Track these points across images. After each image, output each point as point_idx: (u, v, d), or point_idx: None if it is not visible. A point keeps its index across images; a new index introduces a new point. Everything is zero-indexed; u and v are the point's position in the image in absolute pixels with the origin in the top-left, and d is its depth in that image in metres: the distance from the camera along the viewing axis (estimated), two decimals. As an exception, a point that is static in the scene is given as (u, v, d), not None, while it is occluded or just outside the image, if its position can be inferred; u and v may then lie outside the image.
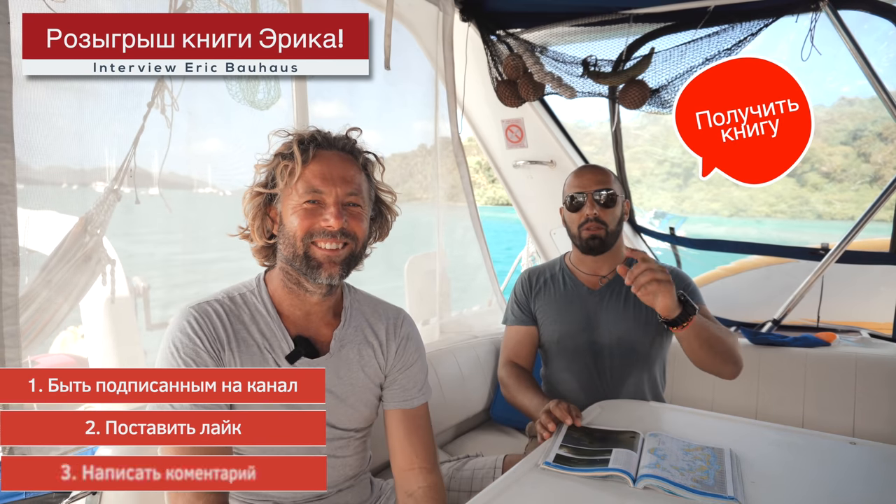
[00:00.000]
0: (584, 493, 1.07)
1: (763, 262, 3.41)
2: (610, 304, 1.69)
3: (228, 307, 1.14)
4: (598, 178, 1.67)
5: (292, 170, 1.10)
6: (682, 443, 1.23)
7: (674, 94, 2.19)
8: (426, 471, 1.22)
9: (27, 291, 1.31)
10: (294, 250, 1.11)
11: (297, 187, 1.11)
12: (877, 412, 2.06)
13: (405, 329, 1.30)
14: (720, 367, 1.50)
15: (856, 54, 2.05)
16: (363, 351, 1.23)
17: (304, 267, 1.12)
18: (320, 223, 1.10)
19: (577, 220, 1.68)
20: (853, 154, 29.86)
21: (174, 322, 1.11)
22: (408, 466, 1.23)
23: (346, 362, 1.21)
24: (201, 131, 1.18)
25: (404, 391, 1.26)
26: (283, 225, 1.13)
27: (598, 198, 1.65)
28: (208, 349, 1.09)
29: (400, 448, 1.24)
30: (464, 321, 2.69)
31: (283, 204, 1.13)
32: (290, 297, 1.18)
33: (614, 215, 1.67)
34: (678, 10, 2.17)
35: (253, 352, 1.13)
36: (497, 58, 2.44)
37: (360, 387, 1.22)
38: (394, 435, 1.25)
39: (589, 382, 1.71)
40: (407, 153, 2.75)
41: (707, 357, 1.47)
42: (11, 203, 1.18)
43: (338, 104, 2.32)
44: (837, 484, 1.13)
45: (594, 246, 1.67)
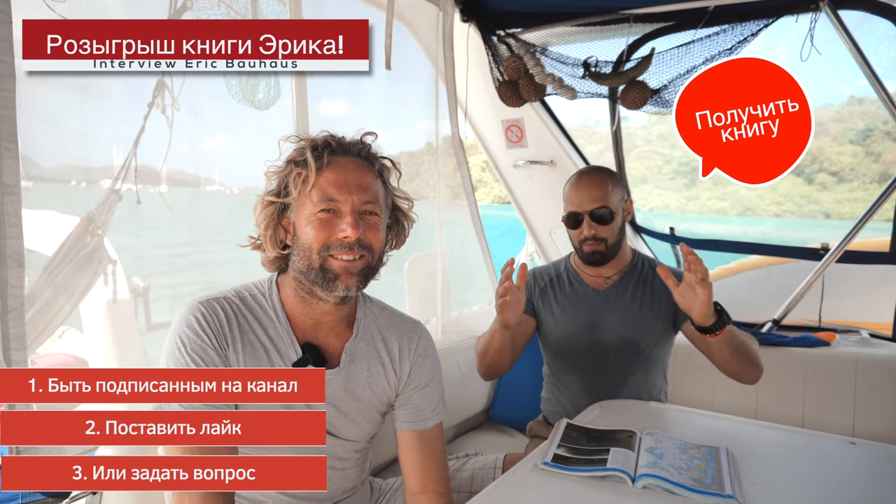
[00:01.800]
0: (583, 493, 1.07)
1: (763, 262, 3.40)
2: (615, 306, 1.69)
3: (237, 306, 1.11)
4: (594, 194, 1.65)
5: (306, 177, 1.06)
6: (678, 441, 1.23)
7: (674, 94, 2.19)
8: (440, 495, 1.18)
9: (29, 292, 1.31)
10: (309, 263, 1.07)
11: (311, 196, 1.06)
12: (877, 412, 2.06)
13: (422, 345, 1.24)
14: (747, 372, 1.52)
15: (856, 54, 2.05)
16: (372, 367, 1.19)
17: (319, 279, 1.07)
18: (337, 234, 1.06)
19: (576, 236, 1.69)
20: (862, 153, 29.67)
21: (181, 316, 1.08)
22: (420, 490, 1.18)
23: (354, 377, 1.17)
24: (206, 130, 1.18)
25: (419, 411, 1.21)
26: (297, 235, 1.09)
27: (595, 217, 1.64)
28: (215, 346, 1.06)
29: (413, 471, 1.19)
30: (464, 321, 2.69)
31: (296, 213, 1.09)
32: (302, 304, 1.13)
33: (613, 229, 1.66)
34: (678, 10, 2.17)
35: (259, 355, 1.10)
36: (498, 58, 2.44)
37: (365, 403, 1.19)
38: (407, 457, 1.20)
39: (592, 382, 1.71)
40: (414, 151, 2.74)
41: (737, 363, 1.49)
42: (16, 203, 1.17)
43: (341, 103, 2.32)
44: (837, 484, 1.13)
45: (596, 261, 1.68)
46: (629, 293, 1.69)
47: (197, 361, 1.04)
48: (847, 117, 30.89)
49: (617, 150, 2.70)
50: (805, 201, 30.56)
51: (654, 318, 1.66)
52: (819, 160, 28.64)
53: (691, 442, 1.23)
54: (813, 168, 28.98)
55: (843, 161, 30.15)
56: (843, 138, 30.81)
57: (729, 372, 1.54)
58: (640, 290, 1.69)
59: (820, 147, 30.01)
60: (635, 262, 1.75)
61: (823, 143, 30.45)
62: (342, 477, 1.21)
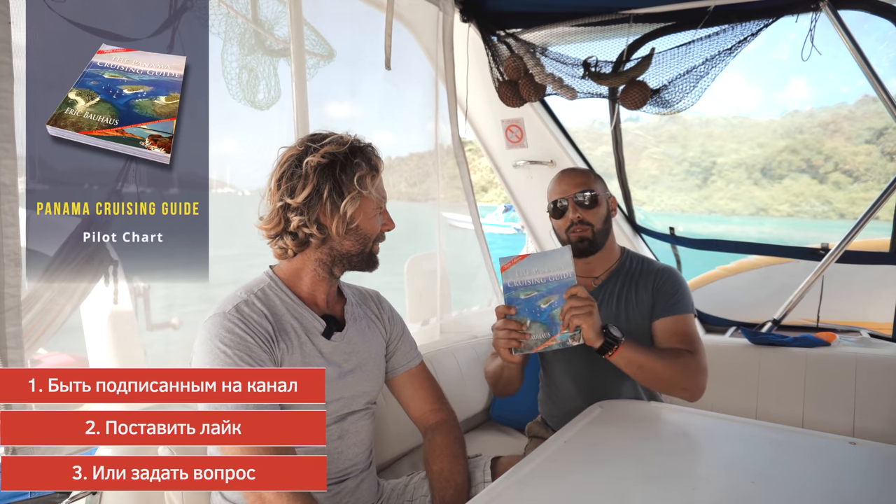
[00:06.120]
0: (583, 494, 1.07)
1: (763, 262, 3.41)
2: (602, 306, 1.67)
3: (262, 302, 1.21)
4: (578, 180, 1.66)
5: (374, 176, 1.22)
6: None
7: (674, 94, 2.19)
8: (436, 411, 1.43)
9: (30, 293, 1.31)
10: (363, 247, 1.25)
11: (373, 192, 1.22)
12: (877, 412, 2.06)
13: (385, 303, 1.49)
14: (666, 391, 1.52)
15: (856, 54, 2.06)
16: (368, 323, 1.39)
17: (365, 261, 1.27)
18: (389, 226, 1.30)
19: (563, 226, 1.68)
20: (877, 152, 29.48)
21: (210, 331, 1.13)
22: (420, 413, 1.44)
23: (361, 332, 1.35)
24: (215, 132, 1.20)
25: (405, 355, 1.45)
26: (355, 224, 1.22)
27: (579, 200, 1.64)
28: (260, 345, 1.14)
29: (412, 401, 1.44)
30: (464, 321, 2.69)
31: (358, 206, 1.21)
32: (314, 283, 1.28)
33: (599, 215, 1.66)
34: (678, 10, 2.17)
35: (292, 338, 1.21)
36: (498, 58, 2.44)
37: (375, 352, 1.37)
38: (405, 393, 1.44)
39: (586, 385, 1.70)
40: (423, 153, 2.73)
41: (646, 383, 1.49)
42: (13, 203, 1.17)
43: (341, 103, 2.33)
44: (837, 484, 1.13)
45: (583, 248, 1.66)
46: (616, 293, 1.68)
47: (247, 360, 1.11)
48: (861, 117, 30.66)
49: (617, 150, 2.70)
50: (818, 201, 30.39)
51: (640, 319, 1.64)
52: (833, 159, 28.44)
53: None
54: (827, 167, 28.79)
55: (858, 160, 29.99)
56: (858, 138, 30.61)
57: (655, 389, 1.55)
58: (626, 290, 1.67)
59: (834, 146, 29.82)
60: (623, 259, 1.74)
61: (837, 142, 30.32)
62: (359, 442, 1.32)
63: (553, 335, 1.34)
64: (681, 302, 1.62)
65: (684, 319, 1.59)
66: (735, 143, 39.15)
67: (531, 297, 1.34)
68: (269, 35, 2.03)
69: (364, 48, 2.34)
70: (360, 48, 2.37)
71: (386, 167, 1.28)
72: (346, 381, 1.29)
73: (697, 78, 2.13)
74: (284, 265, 1.29)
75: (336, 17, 2.28)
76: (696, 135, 38.51)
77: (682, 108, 2.20)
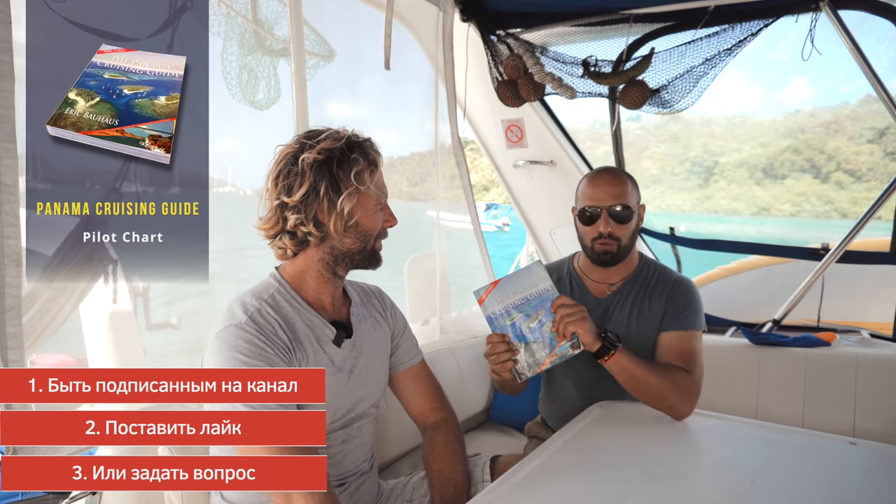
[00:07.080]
0: (583, 494, 1.07)
1: (763, 262, 3.40)
2: (614, 314, 1.64)
3: (275, 310, 1.17)
4: (615, 190, 1.57)
5: (372, 171, 1.18)
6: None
7: (674, 94, 2.19)
8: (436, 409, 1.42)
9: (29, 292, 1.31)
10: (365, 245, 1.22)
11: (371, 188, 1.19)
12: (877, 412, 2.06)
13: (388, 300, 1.46)
14: (653, 405, 1.44)
15: (856, 54, 2.06)
16: (373, 323, 1.37)
17: (367, 258, 1.23)
18: (391, 222, 1.26)
19: (589, 234, 1.60)
20: (879, 152, 29.34)
21: (227, 342, 1.10)
22: (419, 411, 1.43)
23: (368, 335, 1.33)
24: (215, 132, 1.19)
25: (407, 352, 1.43)
26: (355, 221, 1.19)
27: (614, 213, 1.56)
28: (280, 354, 1.12)
29: (412, 399, 1.43)
30: (464, 321, 2.69)
31: (356, 202, 1.17)
32: (319, 285, 1.24)
33: (629, 229, 1.59)
34: (678, 10, 2.17)
35: (306, 347, 1.19)
36: (497, 58, 2.44)
37: (381, 355, 1.36)
38: (405, 391, 1.43)
39: (587, 385, 1.69)
40: (424, 153, 2.73)
41: (635, 393, 1.43)
42: (14, 203, 1.16)
43: (341, 103, 2.33)
44: (837, 484, 1.13)
45: (606, 261, 1.61)
46: (629, 301, 1.63)
47: (263, 366, 1.09)
48: (864, 116, 30.53)
49: (617, 150, 2.70)
50: (820, 201, 30.27)
51: (650, 329, 1.61)
52: (835, 159, 28.32)
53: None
54: (829, 167, 28.67)
55: (860, 160, 29.89)
56: (861, 137, 30.49)
57: (643, 400, 1.45)
58: (639, 299, 1.63)
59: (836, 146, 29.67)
60: (641, 267, 1.69)
61: (840, 142, 30.17)
62: (362, 446, 1.31)
63: (552, 350, 1.32)
64: (691, 317, 1.58)
65: (690, 336, 1.55)
66: (737, 143, 39.08)
67: (517, 321, 1.31)
68: (269, 35, 2.03)
69: (364, 48, 2.35)
70: (360, 48, 2.37)
71: (387, 166, 1.25)
72: (354, 388, 1.27)
73: (697, 78, 2.13)
74: (289, 267, 1.25)
75: (336, 17, 2.28)
76: (698, 134, 38.42)
77: (682, 108, 2.20)
